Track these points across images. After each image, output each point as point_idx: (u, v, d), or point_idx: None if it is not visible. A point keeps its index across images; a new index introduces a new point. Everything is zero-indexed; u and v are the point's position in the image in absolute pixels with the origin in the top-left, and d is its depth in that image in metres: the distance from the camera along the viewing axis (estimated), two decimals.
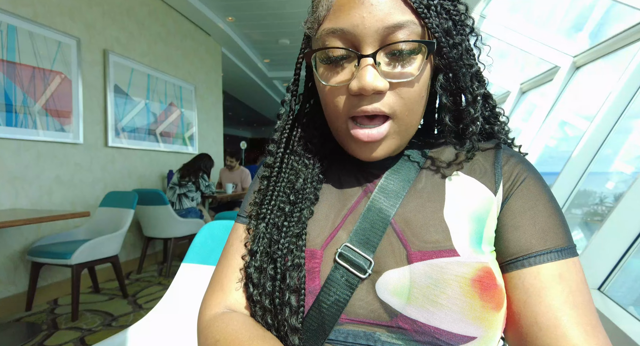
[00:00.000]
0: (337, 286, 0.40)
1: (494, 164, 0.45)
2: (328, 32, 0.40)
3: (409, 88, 0.40)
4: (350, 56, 0.40)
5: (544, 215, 0.41)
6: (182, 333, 0.88)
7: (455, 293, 0.36)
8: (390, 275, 0.40)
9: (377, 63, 0.39)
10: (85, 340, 1.99)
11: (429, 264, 0.38)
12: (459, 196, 0.43)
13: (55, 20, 2.65)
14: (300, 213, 0.45)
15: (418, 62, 0.40)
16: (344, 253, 0.41)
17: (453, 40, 0.42)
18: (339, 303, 0.39)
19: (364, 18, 0.38)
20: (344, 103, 0.42)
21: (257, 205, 0.49)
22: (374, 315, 0.39)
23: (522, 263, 0.39)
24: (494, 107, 0.50)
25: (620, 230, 1.37)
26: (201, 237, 0.97)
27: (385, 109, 0.40)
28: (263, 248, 0.45)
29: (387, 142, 0.43)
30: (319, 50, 0.41)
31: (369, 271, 0.40)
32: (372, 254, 0.41)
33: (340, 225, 0.45)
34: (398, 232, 0.42)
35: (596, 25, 2.48)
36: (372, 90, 0.38)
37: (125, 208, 2.67)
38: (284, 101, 0.51)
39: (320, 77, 0.42)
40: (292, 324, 0.39)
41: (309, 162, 0.50)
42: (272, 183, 0.49)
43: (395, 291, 0.39)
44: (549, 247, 0.39)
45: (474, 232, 0.41)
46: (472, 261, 0.38)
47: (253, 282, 0.44)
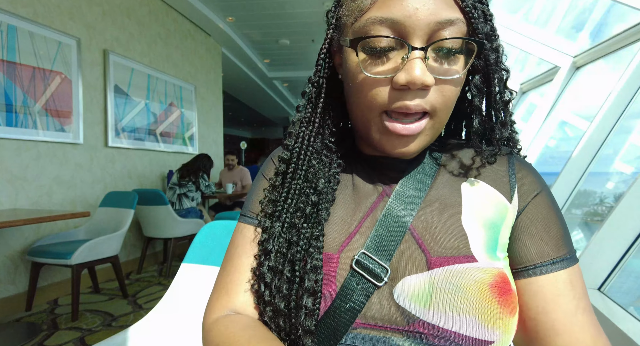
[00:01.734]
0: (353, 293, 0.40)
1: (508, 172, 0.46)
2: (375, 20, 0.38)
3: (451, 87, 0.40)
4: (396, 48, 0.39)
5: (556, 225, 0.43)
6: (182, 333, 0.88)
7: (475, 298, 0.37)
8: (409, 281, 0.40)
9: (426, 57, 0.38)
10: (85, 340, 1.99)
11: (449, 270, 0.39)
12: (476, 202, 0.44)
13: (55, 20, 2.65)
14: (318, 214, 0.44)
15: (462, 60, 0.40)
16: (361, 261, 0.41)
17: (491, 44, 0.42)
18: (354, 310, 0.39)
19: (417, 9, 0.36)
20: (383, 95, 0.40)
21: (272, 203, 0.47)
22: (390, 320, 0.39)
23: (540, 270, 0.41)
24: (511, 114, 0.50)
25: (620, 230, 1.37)
26: (201, 237, 0.97)
27: (427, 106, 0.39)
28: (278, 248, 0.44)
29: (421, 137, 0.42)
30: (369, 37, 0.38)
31: (386, 280, 0.40)
32: (389, 262, 0.41)
33: (356, 229, 0.44)
34: (417, 238, 0.42)
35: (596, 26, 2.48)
36: (420, 85, 0.37)
37: (125, 208, 2.67)
38: (304, 92, 0.49)
39: (362, 66, 0.40)
40: (306, 326, 0.39)
41: (327, 160, 0.48)
42: (288, 180, 0.47)
43: (415, 297, 0.39)
44: (562, 255, 0.41)
45: (490, 239, 0.41)
46: (489, 267, 0.39)
47: (266, 282, 0.43)
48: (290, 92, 9.15)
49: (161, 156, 3.91)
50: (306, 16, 4.51)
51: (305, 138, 0.48)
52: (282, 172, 0.48)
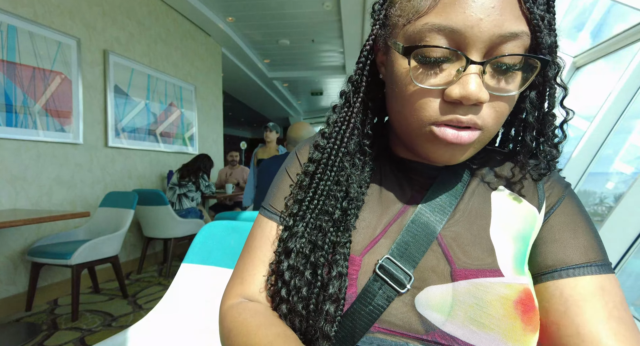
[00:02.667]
0: (373, 297, 0.39)
1: (536, 183, 0.45)
2: (433, 27, 0.35)
3: (505, 104, 0.37)
4: (451, 59, 0.36)
5: (584, 231, 0.41)
6: (182, 333, 0.88)
7: (498, 314, 0.36)
8: (433, 291, 0.39)
9: (483, 72, 0.35)
10: (85, 340, 1.98)
11: (473, 283, 0.38)
12: (505, 214, 0.43)
13: (55, 21, 2.65)
14: (346, 220, 0.43)
15: (520, 77, 0.37)
16: (385, 266, 0.40)
17: (553, 58, 0.39)
18: (374, 314, 0.39)
19: (480, 20, 0.33)
20: (434, 108, 0.37)
21: (298, 203, 0.46)
22: (409, 327, 0.38)
23: (559, 274, 0.39)
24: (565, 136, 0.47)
25: (620, 231, 1.37)
26: (201, 237, 0.97)
27: (479, 122, 0.37)
28: (300, 248, 0.43)
29: (470, 149, 0.40)
30: (424, 47, 0.35)
31: (408, 287, 0.40)
32: (413, 269, 0.40)
33: (381, 234, 0.43)
34: (444, 247, 0.41)
35: (596, 26, 2.48)
36: (475, 100, 0.35)
37: (125, 208, 2.67)
38: (343, 92, 0.47)
39: (412, 75, 0.37)
40: (325, 332, 0.39)
41: (359, 163, 0.47)
42: (315, 181, 0.45)
43: (436, 307, 0.38)
44: (590, 261, 0.39)
45: (518, 252, 0.40)
46: (514, 283, 0.38)
47: (284, 280, 0.42)
48: (290, 92, 9.15)
49: (161, 156, 3.91)
50: (306, 16, 4.51)
51: (339, 139, 0.46)
52: (311, 172, 0.47)
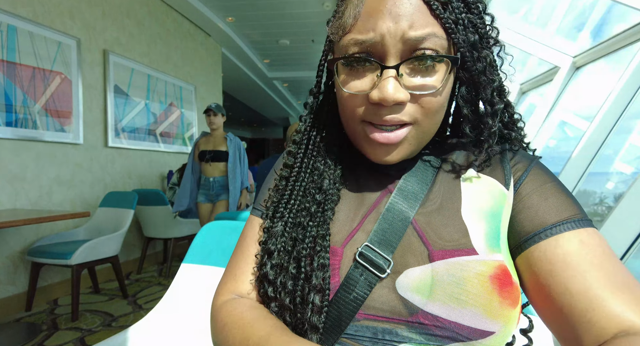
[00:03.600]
0: (356, 284, 0.41)
1: (502, 161, 0.47)
2: (355, 42, 0.40)
3: (430, 99, 0.41)
4: (372, 66, 0.40)
5: (554, 193, 0.42)
6: (182, 333, 0.88)
7: (475, 290, 0.38)
8: (412, 273, 0.40)
9: (399, 74, 0.39)
10: (85, 340, 1.99)
11: (450, 262, 0.39)
12: (475, 195, 0.45)
13: (55, 21, 2.65)
14: (323, 213, 0.46)
15: (440, 74, 0.40)
16: (365, 253, 0.42)
17: (478, 53, 0.42)
18: (357, 301, 0.40)
19: (389, 27, 0.38)
20: (363, 111, 0.42)
21: (274, 205, 0.49)
22: (393, 311, 0.39)
23: (539, 236, 0.40)
24: (512, 115, 0.50)
25: (620, 231, 1.37)
26: (201, 237, 0.97)
27: (405, 118, 0.41)
28: (282, 247, 0.45)
29: (404, 146, 0.43)
30: (342, 58, 0.41)
31: (388, 271, 0.41)
32: (392, 254, 0.42)
33: (360, 224, 0.45)
34: (419, 231, 0.43)
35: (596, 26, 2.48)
36: (392, 102, 0.39)
37: (125, 208, 2.67)
38: (307, 104, 0.52)
39: (342, 83, 0.42)
40: (313, 322, 0.40)
41: (331, 163, 0.50)
42: (291, 183, 0.49)
43: (417, 289, 0.39)
44: (564, 218, 0.40)
45: (491, 230, 0.42)
46: (489, 260, 0.39)
47: (269, 279, 0.44)
48: (290, 92, 9.15)
49: (161, 156, 3.91)
50: (306, 16, 4.51)
51: (308, 145, 0.50)
52: (285, 176, 0.50)
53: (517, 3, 3.24)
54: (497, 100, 0.45)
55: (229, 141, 3.03)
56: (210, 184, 3.01)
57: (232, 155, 2.98)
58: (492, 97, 0.45)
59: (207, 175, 3.01)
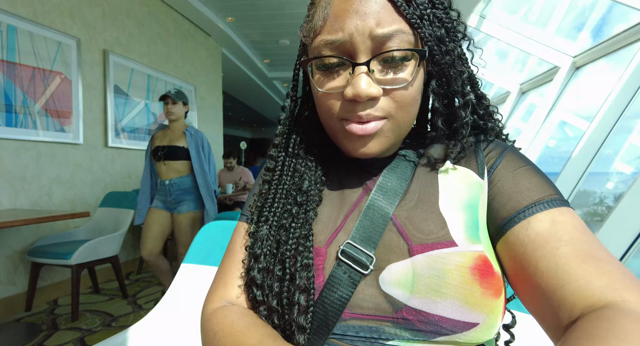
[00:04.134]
0: (340, 282, 0.41)
1: (476, 151, 0.48)
2: (326, 43, 0.41)
3: (402, 92, 0.42)
4: (345, 64, 0.42)
5: (525, 176, 0.43)
6: (182, 333, 0.88)
7: (456, 281, 0.38)
8: (393, 268, 0.41)
9: (370, 70, 0.40)
10: (85, 340, 1.99)
11: (430, 256, 0.39)
12: (451, 187, 0.45)
13: (55, 21, 2.65)
14: (306, 214, 0.46)
15: (410, 68, 0.41)
16: (347, 250, 0.42)
17: (446, 47, 0.43)
18: (342, 299, 0.40)
19: (357, 26, 0.39)
20: (338, 108, 0.43)
21: (258, 209, 0.50)
22: (378, 309, 0.40)
23: (513, 220, 0.40)
24: (487, 106, 0.51)
25: (620, 231, 1.37)
26: (201, 237, 0.97)
27: (379, 113, 0.42)
28: (267, 250, 0.45)
29: (380, 138, 0.44)
30: (315, 58, 0.43)
31: (371, 267, 0.41)
32: (374, 250, 0.42)
33: (342, 223, 0.46)
34: (399, 226, 0.43)
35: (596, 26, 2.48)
36: (366, 97, 0.40)
37: (125, 208, 2.67)
38: (284, 107, 0.52)
39: (316, 83, 0.44)
40: (300, 323, 0.40)
41: (311, 164, 0.51)
42: (273, 187, 0.50)
43: (399, 284, 0.39)
44: (536, 200, 0.40)
45: (469, 221, 0.42)
46: (468, 251, 0.39)
47: (257, 283, 0.44)
48: None
49: None
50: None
51: (288, 147, 0.51)
52: (268, 180, 0.51)
53: (517, 3, 3.24)
54: (468, 91, 0.46)
55: (188, 136, 2.38)
56: (166, 188, 2.35)
57: (194, 153, 2.36)
58: (463, 88, 0.45)
59: (162, 177, 2.37)
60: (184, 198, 2.37)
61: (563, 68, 2.58)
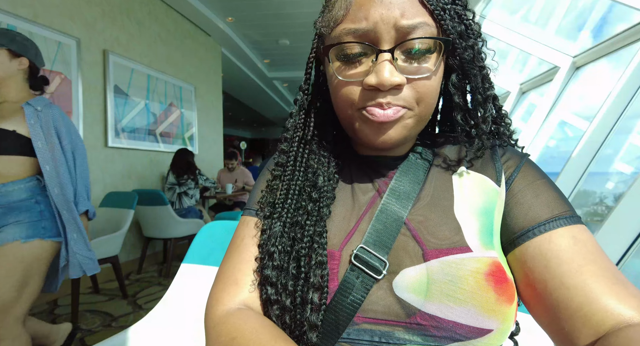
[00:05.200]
0: (353, 287, 0.40)
1: (493, 158, 0.48)
2: (348, 31, 0.41)
3: (425, 83, 0.41)
4: (367, 52, 0.41)
5: (545, 189, 0.43)
6: (182, 333, 0.88)
7: (471, 287, 0.37)
8: (407, 273, 0.40)
9: (394, 59, 0.40)
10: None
11: (444, 261, 0.39)
12: (467, 192, 0.45)
13: (55, 21, 2.65)
14: (320, 211, 0.45)
15: (433, 59, 0.41)
16: (360, 255, 0.41)
17: (466, 42, 0.43)
18: (354, 304, 0.40)
19: (382, 14, 0.39)
20: (358, 96, 0.42)
21: (270, 205, 0.48)
22: (392, 313, 0.39)
23: (533, 232, 0.40)
24: (500, 108, 0.51)
25: (620, 231, 1.37)
26: (201, 238, 0.97)
27: (400, 103, 0.41)
28: (281, 248, 0.44)
29: (399, 126, 0.43)
30: (337, 44, 0.41)
31: (384, 273, 0.41)
32: (387, 255, 0.42)
33: (355, 226, 0.45)
34: (413, 231, 0.43)
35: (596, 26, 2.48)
36: (389, 85, 0.39)
37: (125, 208, 2.67)
38: (296, 100, 0.51)
39: (336, 71, 0.43)
40: (312, 321, 0.39)
41: (324, 160, 0.50)
42: (285, 183, 0.48)
43: (413, 289, 0.39)
44: (557, 215, 0.41)
45: (483, 227, 0.42)
46: (483, 257, 0.39)
47: (271, 282, 0.43)
48: (290, 92, 9.15)
49: (161, 156, 3.91)
50: (306, 16, 4.51)
51: (301, 141, 0.50)
52: (279, 175, 0.50)
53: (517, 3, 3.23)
54: (488, 87, 0.46)
55: (30, 113, 1.34)
56: None
57: (41, 142, 1.34)
58: (483, 84, 0.46)
59: None
60: (8, 217, 1.31)
61: (563, 68, 2.58)
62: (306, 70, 0.51)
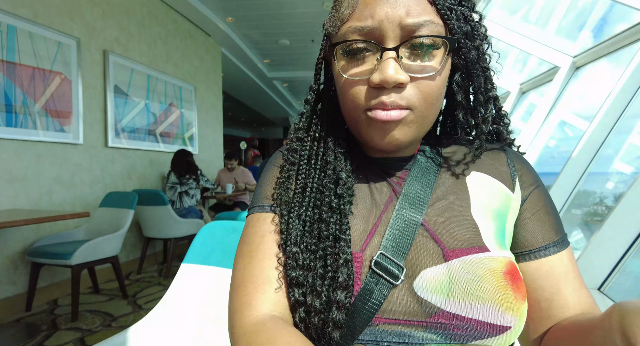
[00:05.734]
0: (372, 293, 0.41)
1: (507, 164, 0.49)
2: (354, 30, 0.41)
3: (429, 83, 0.41)
4: (372, 50, 0.41)
5: (553, 211, 0.48)
6: (182, 333, 0.88)
7: (492, 285, 0.39)
8: (428, 274, 0.41)
9: (399, 57, 0.40)
10: (85, 340, 1.99)
11: (465, 260, 0.40)
12: (482, 194, 0.46)
13: (55, 21, 2.65)
14: (343, 207, 0.45)
15: (439, 57, 0.41)
16: (380, 261, 0.42)
17: (471, 43, 0.44)
18: (372, 309, 0.40)
19: (387, 13, 0.39)
20: (363, 95, 0.42)
21: (286, 203, 0.47)
22: (412, 313, 0.40)
23: (549, 250, 0.45)
24: (500, 108, 0.52)
25: (620, 230, 1.37)
26: (201, 238, 0.97)
27: (403, 102, 0.41)
28: (304, 247, 0.43)
29: (404, 127, 0.43)
30: (342, 42, 0.42)
31: (402, 278, 0.41)
32: (404, 260, 0.42)
33: (374, 228, 0.45)
34: (431, 232, 0.43)
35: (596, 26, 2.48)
36: (393, 83, 0.39)
37: (125, 208, 2.67)
38: (307, 100, 0.52)
39: (341, 69, 0.43)
40: (337, 320, 0.39)
41: (341, 156, 0.49)
42: (301, 180, 0.48)
43: (435, 289, 0.40)
44: (562, 237, 0.46)
45: (498, 229, 0.44)
46: (500, 256, 0.41)
47: (298, 282, 0.41)
48: (290, 92, 9.15)
49: (161, 156, 3.91)
50: (306, 16, 4.51)
51: (314, 140, 0.50)
52: (293, 174, 0.49)
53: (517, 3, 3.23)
54: (490, 88, 0.47)
55: None
56: None
57: None
58: (486, 85, 0.47)
59: None
60: None
61: (563, 68, 2.58)
62: (315, 70, 0.51)
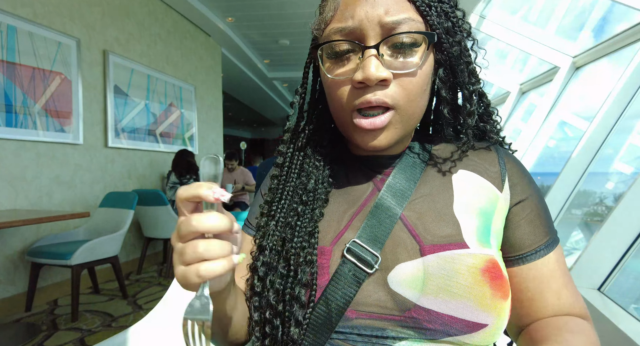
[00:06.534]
0: (344, 280, 0.41)
1: (498, 163, 0.49)
2: (336, 31, 0.42)
3: (411, 79, 0.42)
4: (355, 50, 0.42)
5: (544, 210, 0.48)
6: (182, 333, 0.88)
7: (467, 282, 0.38)
8: (403, 268, 0.41)
9: (380, 54, 0.41)
10: (85, 340, 1.99)
11: (441, 256, 0.40)
12: (467, 192, 0.46)
13: (55, 21, 2.65)
14: (312, 212, 0.46)
15: (419, 53, 0.42)
16: (352, 249, 0.42)
17: (453, 38, 0.44)
18: (346, 297, 0.40)
19: (367, 12, 0.40)
20: (348, 95, 0.43)
21: (268, 204, 0.50)
22: (386, 308, 0.40)
23: (538, 254, 0.45)
24: (487, 105, 0.52)
25: (620, 231, 1.37)
26: None
27: (388, 100, 0.42)
28: (273, 245, 0.45)
29: (390, 131, 0.44)
30: (325, 43, 0.43)
31: (376, 267, 0.41)
32: (380, 250, 0.42)
33: (349, 223, 0.46)
34: (409, 227, 0.44)
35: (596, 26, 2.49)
36: (375, 80, 0.40)
37: (125, 208, 2.67)
38: (293, 103, 0.52)
39: (326, 71, 0.44)
40: (297, 318, 0.40)
41: (319, 164, 0.51)
42: (281, 183, 0.50)
43: (409, 283, 0.40)
44: (550, 237, 0.46)
45: (482, 226, 0.43)
46: (479, 253, 0.40)
47: (259, 276, 0.44)
48: (290, 92, 9.14)
49: (161, 156, 3.91)
50: (306, 16, 4.51)
51: (297, 144, 0.52)
52: (277, 175, 0.52)
53: (517, 3, 3.24)
54: (474, 81, 0.47)
55: None
56: None
57: None
58: (469, 79, 0.47)
59: None
60: None
61: (563, 68, 2.58)
62: (303, 74, 0.52)
